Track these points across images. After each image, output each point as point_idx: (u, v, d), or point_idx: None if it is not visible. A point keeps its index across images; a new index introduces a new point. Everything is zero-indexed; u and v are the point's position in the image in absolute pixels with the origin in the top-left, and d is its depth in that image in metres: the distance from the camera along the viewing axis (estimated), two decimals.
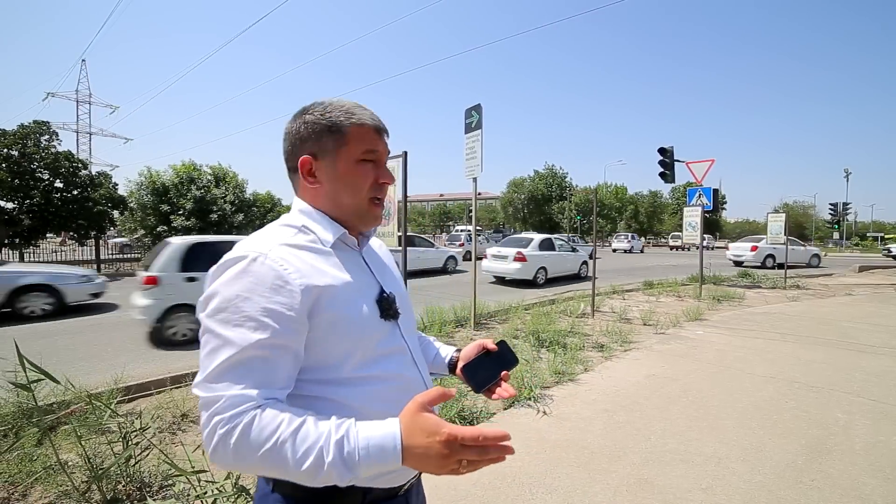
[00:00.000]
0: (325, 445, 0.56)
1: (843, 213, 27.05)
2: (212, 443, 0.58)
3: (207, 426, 0.58)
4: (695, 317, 6.38)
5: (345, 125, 0.74)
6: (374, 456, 0.56)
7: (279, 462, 0.56)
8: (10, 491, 2.06)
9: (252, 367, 0.60)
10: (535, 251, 10.64)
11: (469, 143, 5.58)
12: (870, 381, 3.68)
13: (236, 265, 0.64)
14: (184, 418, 2.92)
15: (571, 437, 2.68)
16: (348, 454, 0.56)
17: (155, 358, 4.56)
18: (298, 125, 0.75)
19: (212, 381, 0.60)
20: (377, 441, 0.56)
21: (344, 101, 0.77)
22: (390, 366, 0.73)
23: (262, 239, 0.69)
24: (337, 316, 0.67)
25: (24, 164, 12.59)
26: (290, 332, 0.63)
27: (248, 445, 0.56)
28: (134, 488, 2.10)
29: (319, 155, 0.74)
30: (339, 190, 0.75)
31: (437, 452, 0.54)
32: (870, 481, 2.17)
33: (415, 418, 0.57)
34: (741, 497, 2.06)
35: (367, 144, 0.75)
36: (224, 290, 0.63)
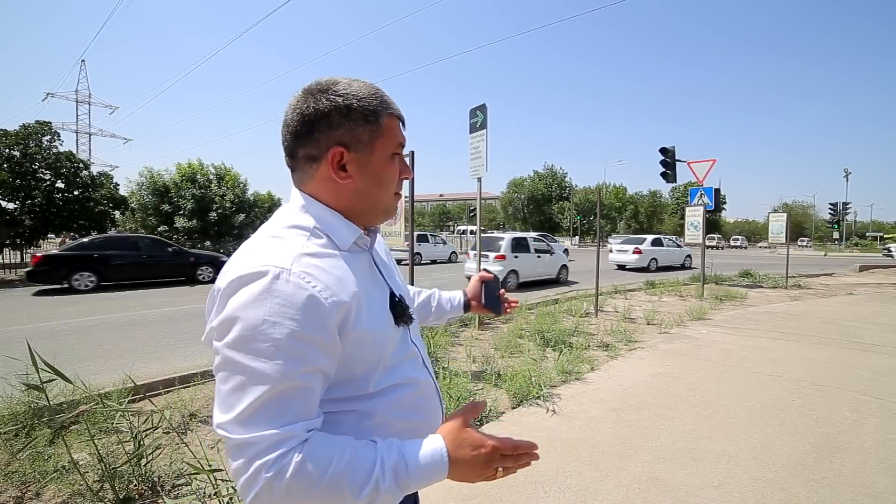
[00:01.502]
0: (381, 473, 0.55)
1: (842, 213, 27.11)
2: (254, 489, 0.52)
3: (246, 472, 0.52)
4: (698, 316, 6.39)
5: (383, 115, 0.66)
6: (425, 474, 0.58)
7: (334, 498, 0.54)
8: (24, 490, 2.06)
9: (290, 400, 0.54)
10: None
11: (474, 142, 5.59)
12: (876, 380, 3.69)
13: (256, 284, 0.55)
14: (192, 418, 2.92)
15: (581, 435, 2.68)
16: (403, 477, 0.56)
17: (160, 358, 4.56)
18: (323, 106, 0.63)
19: (245, 421, 0.53)
20: (427, 460, 0.58)
21: (370, 84, 0.68)
22: (406, 372, 0.70)
23: (278, 249, 0.60)
24: (364, 331, 0.62)
25: (25, 165, 12.58)
26: (326, 356, 0.57)
27: (300, 486, 0.52)
28: (146, 487, 2.10)
29: (352, 146, 0.65)
30: (371, 186, 0.68)
31: (481, 464, 0.60)
32: (881, 479, 2.18)
33: (461, 434, 0.61)
34: (754, 495, 2.07)
35: (398, 138, 0.69)
36: (246, 315, 0.54)
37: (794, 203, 57.94)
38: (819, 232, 49.40)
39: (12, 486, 2.08)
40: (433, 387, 0.76)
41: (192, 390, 3.33)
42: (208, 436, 2.70)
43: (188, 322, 6.32)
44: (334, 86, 0.66)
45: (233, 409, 0.54)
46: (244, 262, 0.58)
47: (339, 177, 0.66)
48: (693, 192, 10.20)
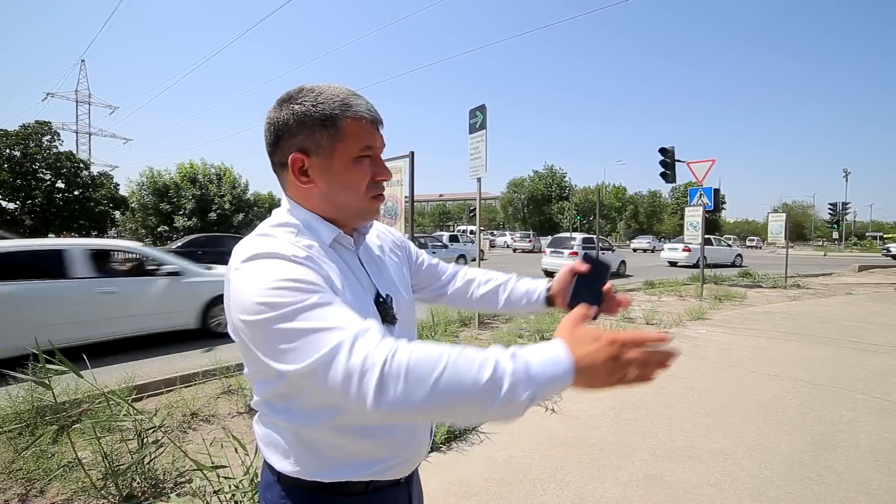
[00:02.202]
0: (500, 359, 0.49)
1: (842, 213, 27.14)
2: (371, 378, 0.47)
3: (346, 369, 0.48)
4: (697, 316, 6.41)
5: (340, 119, 0.66)
6: (551, 366, 0.49)
7: (455, 384, 0.47)
8: (28, 487, 2.08)
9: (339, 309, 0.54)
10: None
11: (473, 143, 5.61)
12: (873, 379, 3.71)
13: (258, 261, 0.59)
14: (194, 417, 2.94)
15: (580, 434, 2.71)
16: (526, 364, 0.49)
17: (162, 357, 4.58)
18: (285, 115, 0.66)
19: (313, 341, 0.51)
20: (548, 353, 0.50)
21: (336, 88, 0.69)
22: None
23: (268, 241, 0.63)
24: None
25: (26, 165, 12.62)
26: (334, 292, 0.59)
27: (422, 371, 0.47)
28: (148, 485, 2.12)
29: (312, 152, 0.66)
30: (334, 190, 0.68)
31: (605, 356, 0.50)
32: (875, 477, 2.20)
33: (574, 330, 0.54)
34: (750, 492, 2.09)
35: (364, 140, 0.68)
36: (259, 281, 0.56)
37: (793, 203, 58.03)
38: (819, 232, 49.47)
39: (17, 484, 2.10)
40: None
41: (194, 389, 3.35)
42: (210, 433, 2.72)
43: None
44: (298, 94, 0.68)
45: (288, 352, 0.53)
46: (242, 251, 0.62)
47: (301, 182, 0.68)
48: (692, 193, 10.23)
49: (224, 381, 3.42)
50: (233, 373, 3.60)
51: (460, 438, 2.62)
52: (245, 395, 3.18)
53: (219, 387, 3.38)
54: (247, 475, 1.83)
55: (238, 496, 1.78)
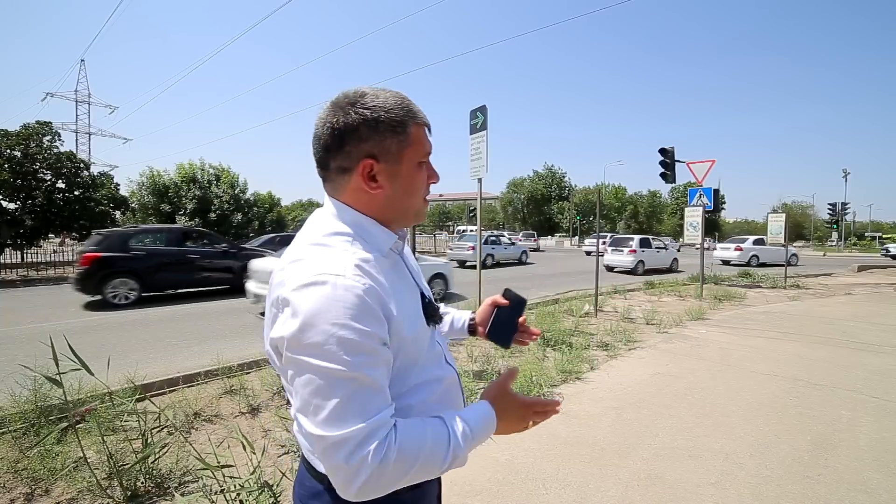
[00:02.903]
0: (455, 441, 0.64)
1: (841, 213, 27.18)
2: (364, 476, 0.56)
3: (349, 465, 0.56)
4: (697, 316, 6.43)
5: (409, 125, 0.68)
6: (482, 433, 0.68)
7: (425, 471, 0.62)
8: (33, 487, 2.10)
9: (371, 393, 0.59)
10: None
11: (474, 143, 5.62)
12: (872, 379, 3.73)
13: (318, 290, 0.59)
14: (196, 417, 2.95)
15: (581, 433, 2.72)
16: (468, 440, 0.66)
17: (163, 357, 4.59)
18: (353, 120, 0.66)
19: (335, 420, 0.57)
20: (483, 422, 0.69)
21: (396, 94, 0.70)
22: (434, 369, 0.74)
23: (330, 257, 0.63)
24: (406, 336, 0.66)
25: (26, 165, 12.61)
26: (385, 349, 0.62)
27: (402, 468, 0.59)
28: (153, 485, 2.13)
29: (381, 157, 0.67)
30: (401, 195, 0.70)
31: (518, 418, 0.73)
32: (875, 476, 2.22)
33: (504, 397, 0.73)
34: (750, 491, 2.11)
35: (426, 146, 0.72)
36: (315, 321, 0.57)
37: (793, 203, 58.05)
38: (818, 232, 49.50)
39: (22, 483, 2.11)
40: (456, 380, 0.81)
41: (196, 389, 3.36)
42: (213, 434, 2.73)
43: (190, 322, 6.35)
44: (362, 98, 0.68)
45: (321, 410, 0.58)
46: (301, 272, 0.61)
47: (370, 187, 0.68)
48: (692, 193, 10.25)
49: (226, 382, 3.43)
50: (235, 373, 3.62)
51: None
52: (247, 396, 3.19)
53: (221, 387, 3.39)
54: (253, 475, 1.84)
55: (244, 495, 1.79)
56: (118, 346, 5.06)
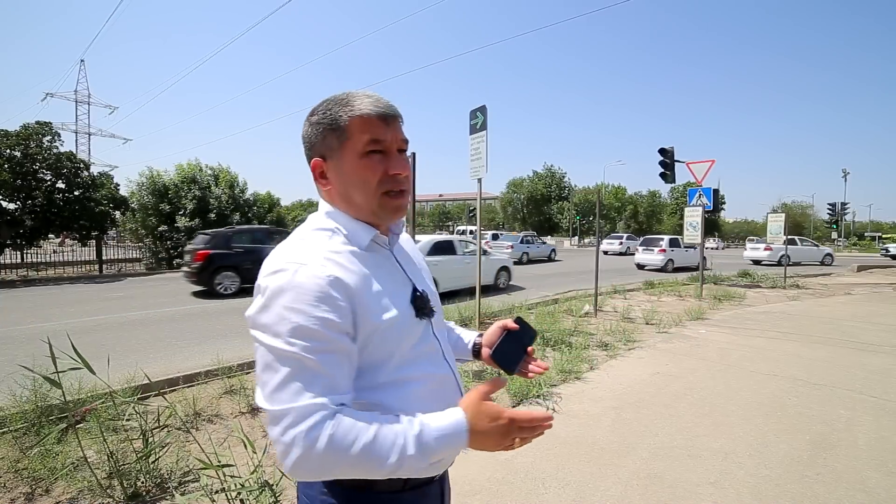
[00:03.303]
0: (405, 443, 0.60)
1: (841, 213, 27.19)
2: (292, 456, 0.58)
3: (282, 440, 0.58)
4: (696, 316, 6.44)
5: (343, 119, 0.69)
6: (448, 443, 0.62)
7: (364, 465, 0.60)
8: (34, 486, 2.10)
9: (315, 375, 0.61)
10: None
11: (474, 143, 5.63)
12: (871, 379, 3.74)
13: (280, 277, 0.63)
14: (197, 416, 2.95)
15: (581, 433, 2.73)
16: (425, 445, 0.61)
17: (163, 357, 4.60)
18: (307, 128, 0.74)
19: (278, 393, 0.60)
20: (449, 430, 0.63)
21: (349, 94, 0.72)
22: (424, 365, 0.74)
23: (300, 247, 0.68)
24: (377, 323, 0.67)
25: (26, 165, 12.61)
26: (342, 338, 0.63)
27: (334, 455, 0.58)
28: (153, 484, 2.14)
29: (327, 155, 0.72)
30: (347, 188, 0.71)
31: (499, 434, 0.64)
32: (873, 475, 2.22)
33: (479, 406, 0.65)
34: (749, 490, 2.11)
35: (369, 135, 0.69)
36: (273, 305, 0.62)
37: (793, 203, 58.05)
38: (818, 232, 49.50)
39: (23, 483, 2.12)
40: (453, 379, 0.79)
41: (196, 389, 3.36)
42: (214, 434, 2.74)
43: (190, 322, 6.36)
44: (317, 107, 0.73)
45: (266, 385, 0.62)
46: (274, 260, 0.66)
47: (322, 185, 0.74)
48: (692, 193, 10.25)
49: (226, 382, 3.44)
50: (235, 373, 3.62)
51: None
52: (247, 395, 3.20)
53: (221, 387, 3.40)
54: (253, 474, 1.85)
55: (244, 494, 1.80)
56: (118, 345, 5.06)
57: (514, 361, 0.87)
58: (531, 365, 0.89)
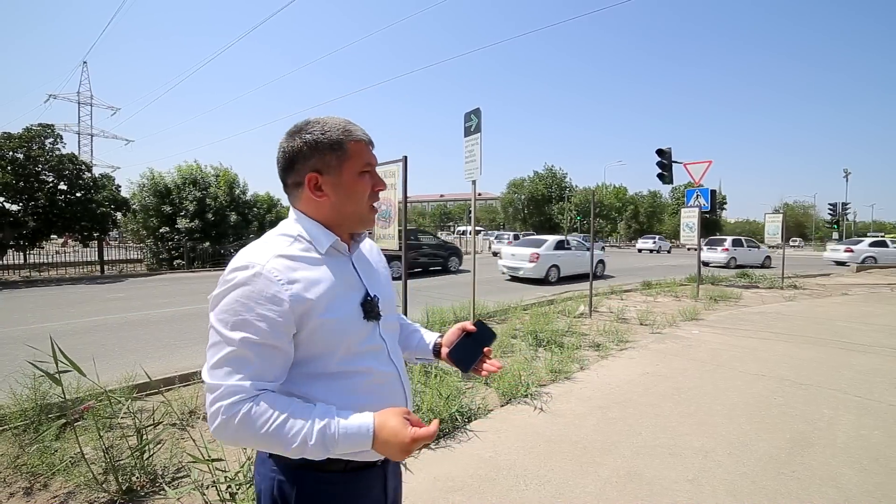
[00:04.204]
0: (309, 432, 0.71)
1: (842, 213, 27.09)
2: (215, 422, 0.71)
3: (211, 408, 0.71)
4: (691, 317, 6.48)
5: (345, 142, 0.82)
6: (350, 442, 0.72)
7: (271, 443, 0.71)
8: (32, 481, 2.18)
9: (246, 362, 0.72)
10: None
11: (468, 146, 5.69)
12: (857, 379, 3.78)
13: (239, 274, 0.74)
14: (192, 415, 3.03)
15: (565, 432, 2.79)
16: (328, 439, 0.71)
17: (161, 357, 4.68)
18: (298, 144, 0.81)
19: (214, 370, 0.72)
20: (353, 430, 0.72)
21: (337, 119, 0.84)
22: (368, 362, 0.83)
23: (261, 250, 0.77)
24: (323, 320, 0.76)
25: (29, 167, 12.72)
26: (280, 335, 0.74)
27: (245, 429, 0.70)
28: (147, 479, 2.21)
29: (324, 171, 0.81)
30: (344, 200, 0.83)
31: (399, 449, 0.73)
32: (847, 472, 2.28)
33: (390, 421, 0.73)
34: (725, 487, 2.17)
35: (364, 158, 0.84)
36: (228, 295, 0.73)
37: (794, 203, 57.86)
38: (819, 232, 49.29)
39: (22, 478, 2.19)
40: (397, 377, 0.88)
41: (192, 388, 3.44)
42: (207, 431, 2.81)
43: (188, 322, 6.44)
44: (306, 126, 0.83)
45: (210, 360, 0.74)
46: (239, 257, 0.77)
47: (317, 196, 0.82)
48: (689, 194, 10.28)
49: None
50: None
51: (449, 436, 2.70)
52: None
53: None
54: (242, 469, 1.91)
55: (233, 488, 1.86)
56: (118, 345, 5.15)
57: (469, 361, 0.95)
58: (486, 363, 0.98)
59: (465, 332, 0.97)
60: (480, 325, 0.99)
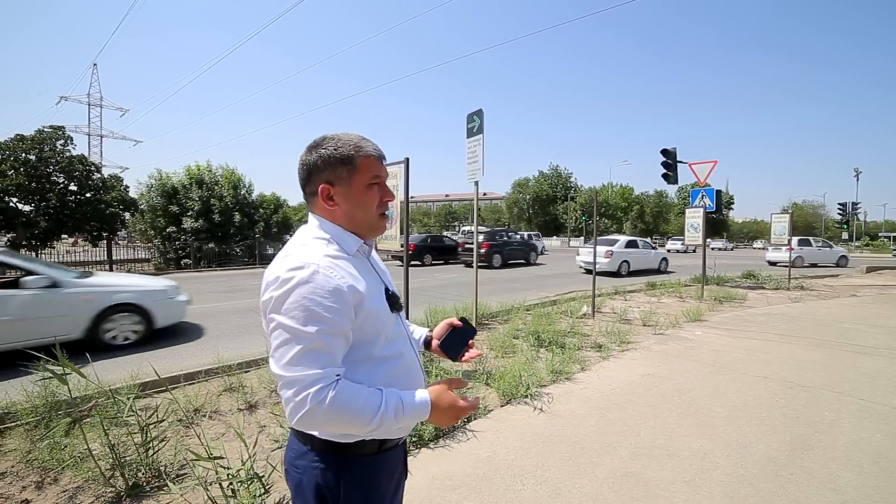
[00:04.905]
0: (385, 408, 0.83)
1: (852, 213, 26.68)
2: (303, 410, 0.78)
3: (296, 398, 0.78)
4: (695, 318, 6.44)
5: (355, 157, 0.91)
6: (414, 414, 0.86)
7: (354, 423, 0.82)
8: (43, 476, 2.24)
9: (322, 352, 0.80)
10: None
11: (471, 147, 5.71)
12: (861, 382, 3.75)
13: (299, 273, 0.81)
14: (196, 413, 3.09)
15: (564, 433, 2.80)
16: (399, 413, 0.84)
17: (166, 356, 4.76)
18: (314, 158, 0.91)
19: (293, 364, 0.79)
20: (417, 404, 0.87)
21: (351, 136, 0.93)
22: (399, 347, 0.97)
23: (310, 251, 0.87)
24: (370, 310, 0.88)
25: (40, 168, 12.98)
26: (346, 323, 0.84)
27: (333, 412, 0.79)
28: (152, 475, 2.27)
29: (335, 182, 0.91)
30: (353, 210, 0.92)
31: (451, 416, 0.90)
32: (846, 475, 2.27)
33: (442, 394, 0.90)
34: (722, 489, 2.17)
35: (373, 171, 0.93)
36: (293, 293, 0.80)
37: (804, 203, 57.02)
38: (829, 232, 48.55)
39: (33, 472, 2.27)
40: (416, 360, 1.03)
41: (197, 387, 3.50)
42: (211, 429, 2.87)
43: (193, 321, 6.53)
44: (323, 142, 0.93)
45: (284, 357, 0.80)
46: (289, 261, 0.84)
47: (329, 205, 0.93)
48: (694, 194, 10.21)
49: (226, 380, 3.57)
50: (234, 371, 3.75)
51: (447, 436, 2.73)
52: (245, 393, 3.32)
53: (221, 385, 3.53)
54: (244, 466, 1.96)
55: (235, 484, 1.91)
56: (125, 345, 5.23)
57: (457, 351, 1.12)
58: (469, 353, 1.14)
59: (453, 327, 1.14)
60: (465, 322, 1.15)
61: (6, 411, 2.77)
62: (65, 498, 2.10)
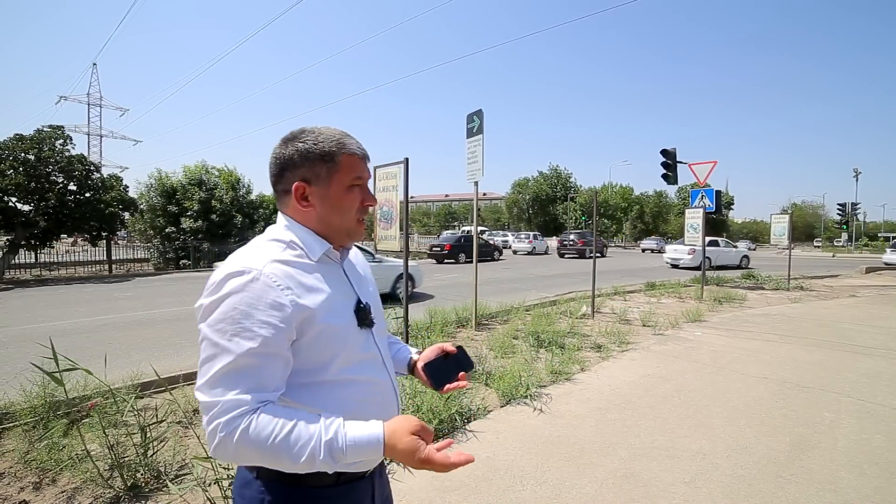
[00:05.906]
0: (317, 446, 0.67)
1: (851, 214, 26.73)
2: (213, 442, 0.67)
3: (209, 427, 0.67)
4: (694, 318, 6.44)
5: (337, 154, 0.79)
6: (359, 453, 0.69)
7: (276, 460, 0.67)
8: (41, 476, 2.24)
9: (245, 374, 0.68)
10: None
11: (470, 147, 5.71)
12: (860, 382, 3.75)
13: (235, 280, 0.70)
14: (195, 413, 3.08)
15: (564, 433, 2.80)
16: (337, 451, 0.67)
17: (167, 356, 4.75)
18: (290, 152, 0.79)
19: (211, 386, 0.67)
20: (363, 441, 0.69)
21: (332, 130, 0.82)
22: (364, 370, 0.81)
23: (256, 255, 0.74)
24: (322, 327, 0.74)
25: (40, 168, 12.94)
26: (280, 342, 0.70)
27: (246, 447, 0.66)
28: (151, 476, 2.26)
29: (313, 181, 0.79)
30: (330, 213, 0.81)
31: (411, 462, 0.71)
32: (846, 476, 2.27)
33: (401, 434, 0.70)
34: (722, 490, 2.17)
35: (356, 171, 0.81)
36: (223, 303, 0.69)
37: (803, 203, 57.09)
38: (829, 232, 48.60)
39: (31, 473, 2.26)
40: (391, 386, 0.88)
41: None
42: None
43: (193, 322, 6.51)
44: (301, 134, 0.81)
45: (204, 376, 0.69)
46: (232, 262, 0.74)
47: (303, 206, 0.80)
48: (694, 194, 10.22)
49: None
50: None
51: (447, 437, 2.72)
52: None
53: None
54: None
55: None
56: (125, 344, 5.23)
57: (444, 381, 0.94)
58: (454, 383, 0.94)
59: (445, 353, 0.98)
60: (461, 351, 0.99)
61: (5, 411, 2.77)
62: (63, 499, 2.09)
